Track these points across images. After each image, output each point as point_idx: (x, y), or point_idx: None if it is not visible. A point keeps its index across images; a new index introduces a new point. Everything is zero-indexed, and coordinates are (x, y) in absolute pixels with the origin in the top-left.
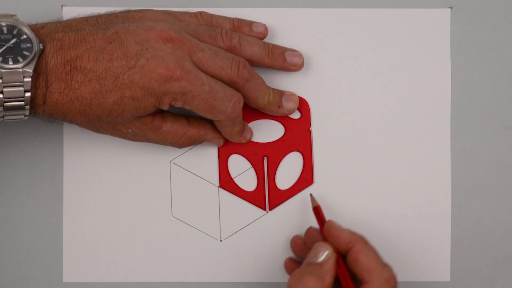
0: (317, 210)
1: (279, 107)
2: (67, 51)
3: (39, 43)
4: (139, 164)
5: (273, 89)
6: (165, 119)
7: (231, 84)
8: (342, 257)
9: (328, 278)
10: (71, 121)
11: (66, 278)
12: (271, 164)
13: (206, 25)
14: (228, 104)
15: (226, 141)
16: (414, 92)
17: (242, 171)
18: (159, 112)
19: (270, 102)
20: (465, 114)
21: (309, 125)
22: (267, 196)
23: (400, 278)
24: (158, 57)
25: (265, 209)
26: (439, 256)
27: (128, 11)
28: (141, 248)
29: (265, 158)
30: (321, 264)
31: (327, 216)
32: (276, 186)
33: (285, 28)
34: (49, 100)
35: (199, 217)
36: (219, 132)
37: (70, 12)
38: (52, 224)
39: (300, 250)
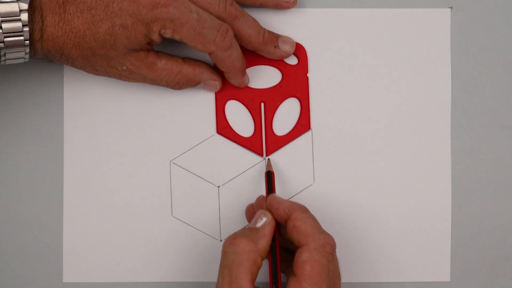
0: (268, 176)
1: (275, 47)
2: None
3: None
4: (139, 164)
5: (268, 30)
6: (159, 56)
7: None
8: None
9: (263, 243)
10: (68, 57)
11: (66, 278)
12: (268, 109)
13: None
14: (216, 33)
15: (223, 86)
16: (414, 92)
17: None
18: (153, 50)
19: (266, 40)
20: (465, 114)
21: (307, 71)
22: (264, 142)
23: (400, 278)
24: None
25: (262, 155)
26: (439, 256)
27: None
28: (141, 248)
29: (262, 103)
30: (257, 228)
31: (326, 214)
32: (273, 132)
33: (286, 28)
34: (46, 34)
35: (199, 217)
36: (216, 73)
37: None
38: (52, 224)
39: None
